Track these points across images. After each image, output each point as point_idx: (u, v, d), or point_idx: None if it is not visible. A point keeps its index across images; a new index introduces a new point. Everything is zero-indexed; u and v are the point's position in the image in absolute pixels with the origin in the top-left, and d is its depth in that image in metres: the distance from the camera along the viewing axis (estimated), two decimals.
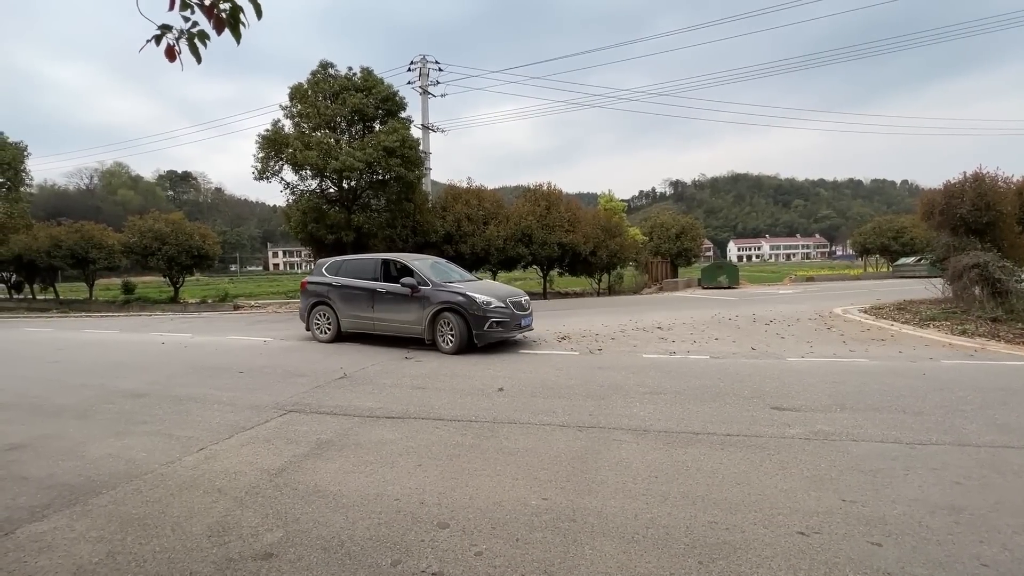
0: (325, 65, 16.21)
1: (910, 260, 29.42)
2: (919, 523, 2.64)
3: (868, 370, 6.23)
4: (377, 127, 16.42)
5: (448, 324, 8.02)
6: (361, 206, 17.35)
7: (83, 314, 18.69)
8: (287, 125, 15.87)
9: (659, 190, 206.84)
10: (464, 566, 2.35)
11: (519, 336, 9.25)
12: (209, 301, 20.83)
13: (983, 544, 2.44)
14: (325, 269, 9.48)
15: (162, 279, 21.96)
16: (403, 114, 16.89)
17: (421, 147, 27.19)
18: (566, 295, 23.07)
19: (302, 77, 18.23)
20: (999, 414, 4.38)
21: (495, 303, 7.99)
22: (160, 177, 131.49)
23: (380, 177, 16.11)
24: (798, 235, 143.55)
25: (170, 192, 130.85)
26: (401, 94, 16.80)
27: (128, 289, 21.94)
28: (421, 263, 8.87)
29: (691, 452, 3.69)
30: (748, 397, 5.11)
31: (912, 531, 2.57)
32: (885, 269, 36.42)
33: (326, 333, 9.20)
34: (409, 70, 26.45)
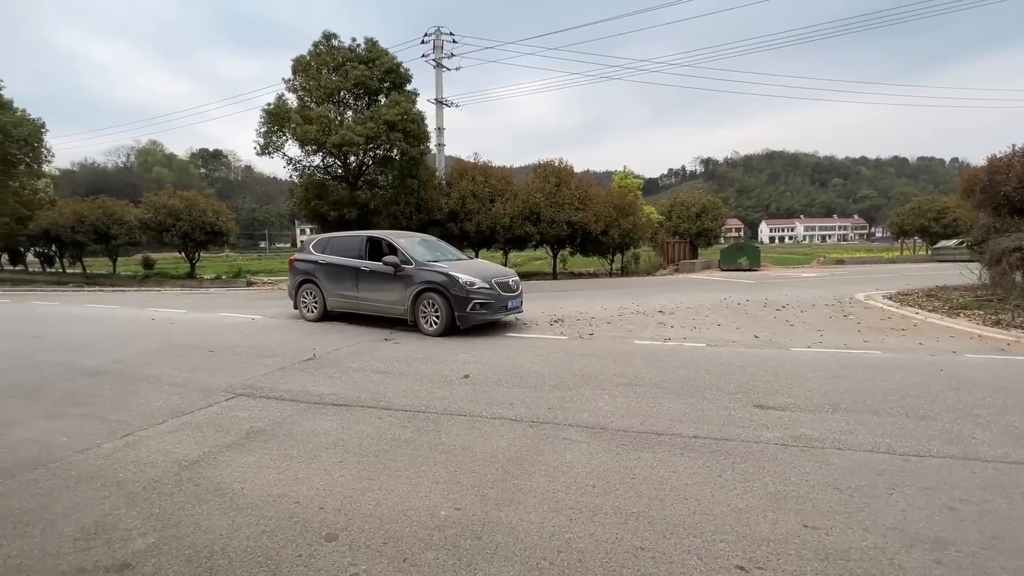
0: (328, 36, 15.75)
1: (951, 243, 27.57)
2: (890, 561, 2.18)
3: (878, 364, 5.62)
4: (382, 100, 15.97)
5: (431, 305, 7.69)
6: (368, 183, 17.05)
7: (97, 288, 19.19)
8: (291, 99, 15.59)
9: (689, 168, 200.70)
10: None
11: (512, 318, 8.88)
12: (223, 277, 21.12)
13: None
14: (312, 246, 9.25)
15: (179, 255, 22.30)
16: (409, 87, 16.36)
17: (435, 122, 26.63)
18: (580, 276, 22.49)
19: None
20: (1020, 421, 3.79)
21: (479, 284, 7.59)
22: (192, 155, 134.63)
23: (385, 152, 15.73)
24: (835, 216, 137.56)
25: (202, 170, 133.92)
26: (406, 66, 16.23)
27: (148, 264, 22.45)
28: (406, 241, 8.51)
29: (645, 457, 3.26)
30: (732, 392, 4.62)
31: (879, 571, 2.11)
32: (924, 252, 34.35)
33: (313, 312, 9.01)
34: (423, 42, 25.71)
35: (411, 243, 8.55)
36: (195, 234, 20.03)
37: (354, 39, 15.80)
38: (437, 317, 7.61)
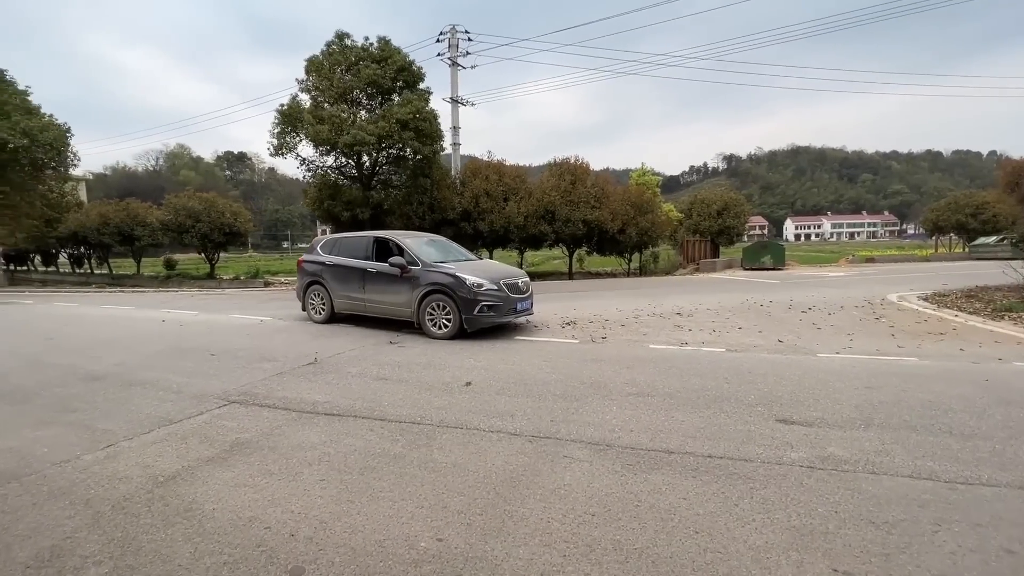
0: (341, 36, 15.70)
1: (990, 240, 26.24)
2: None
3: (914, 372, 5.17)
4: (396, 100, 15.85)
5: (440, 308, 7.47)
6: (382, 183, 16.96)
7: (119, 289, 19.55)
8: (305, 100, 15.59)
9: (711, 165, 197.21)
10: None
11: (523, 320, 8.61)
12: (242, 278, 21.35)
13: None
14: (320, 247, 9.12)
15: (199, 256, 22.65)
16: (422, 85, 16.20)
17: (450, 121, 26.51)
18: (598, 275, 22.06)
19: None
20: None
21: (487, 285, 7.34)
22: (218, 158, 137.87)
23: (398, 152, 15.60)
24: (864, 212, 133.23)
25: (228, 172, 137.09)
26: (418, 64, 16.08)
27: (169, 265, 22.85)
28: (413, 241, 8.31)
29: (652, 480, 2.95)
30: (752, 404, 4.26)
31: None
32: (960, 250, 32.82)
33: (320, 314, 8.88)
34: (438, 41, 25.65)
35: (418, 243, 8.35)
36: (214, 235, 20.28)
37: (367, 38, 15.75)
38: (447, 320, 7.38)
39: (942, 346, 6.41)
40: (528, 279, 8.31)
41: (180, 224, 19.83)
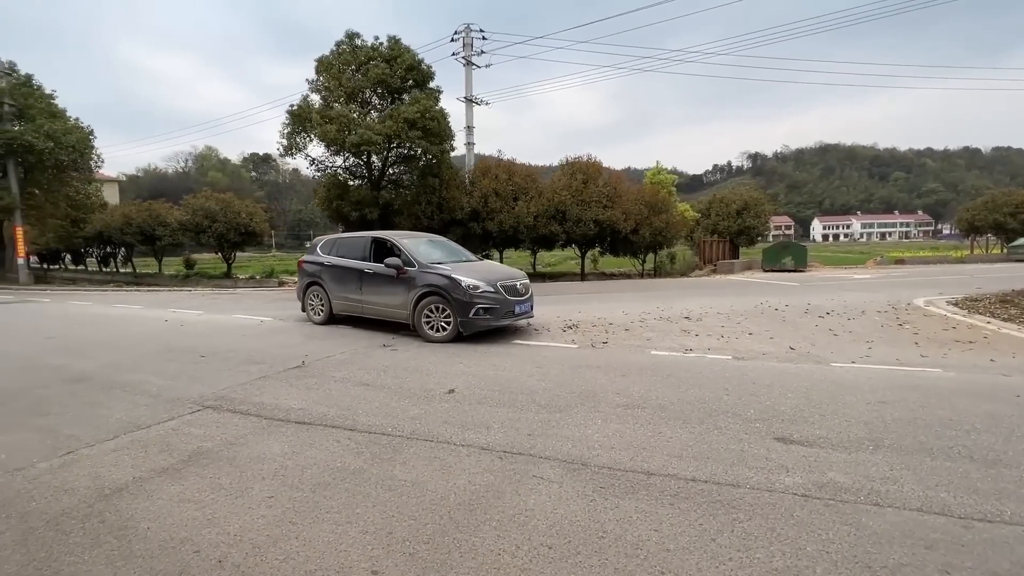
0: (352, 36, 15.69)
1: None
2: None
3: (937, 385, 4.74)
4: (406, 99, 15.76)
5: (436, 310, 7.28)
6: (392, 182, 16.90)
7: (135, 288, 19.96)
8: (316, 100, 15.61)
9: (735, 164, 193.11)
10: None
11: (524, 323, 8.37)
12: (257, 277, 21.61)
13: None
14: (319, 248, 9.03)
15: (215, 255, 23.02)
16: (432, 84, 16.07)
17: (464, 121, 26.42)
18: (612, 276, 21.62)
19: None
20: None
21: (483, 287, 7.11)
22: (244, 159, 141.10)
23: (408, 152, 15.51)
24: (896, 212, 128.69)
25: (253, 173, 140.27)
26: (432, 63, 15.97)
27: (188, 265, 23.31)
28: (410, 242, 8.13)
29: (624, 507, 2.67)
30: (751, 419, 3.92)
31: None
32: (998, 251, 31.22)
33: (319, 315, 8.79)
34: (452, 40, 25.56)
35: (415, 244, 8.17)
36: (230, 235, 20.56)
37: (376, 37, 15.71)
38: (446, 323, 7.18)
39: (970, 356, 5.92)
40: (527, 281, 8.05)
41: (197, 224, 20.17)
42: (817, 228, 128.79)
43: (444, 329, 7.22)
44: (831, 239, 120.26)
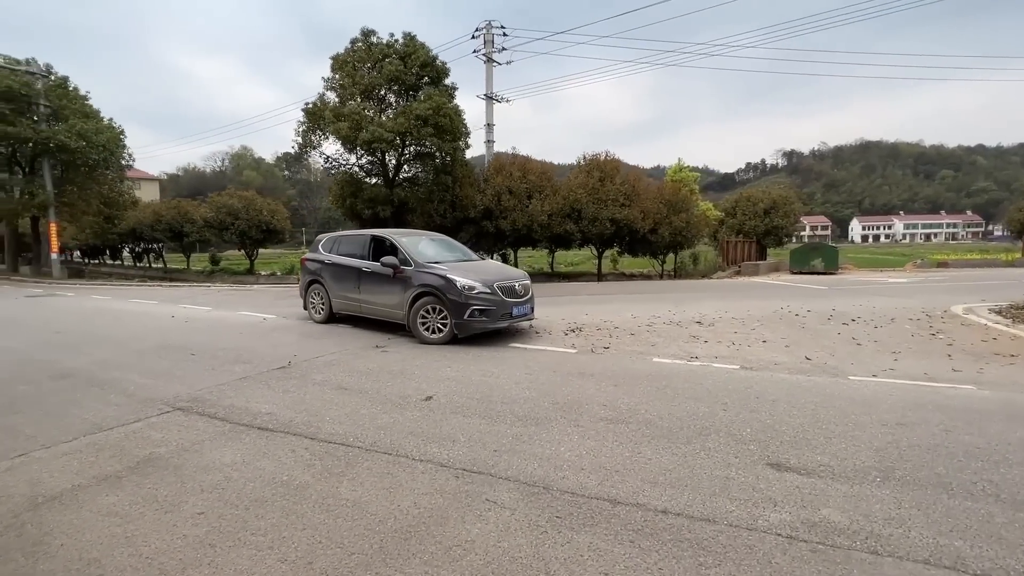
0: (367, 33, 15.65)
1: None
2: None
3: (967, 406, 4.23)
4: (421, 96, 15.63)
5: (433, 311, 7.06)
6: (408, 180, 16.82)
7: (157, 284, 20.38)
8: (332, 98, 15.64)
9: (770, 162, 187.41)
10: None
11: (526, 324, 8.09)
12: (278, 273, 21.95)
13: None
14: (321, 246, 8.94)
15: (239, 252, 23.49)
16: (447, 81, 15.89)
17: (484, 118, 26.20)
18: (631, 277, 21.05)
19: None
20: None
21: (479, 288, 6.85)
22: (278, 159, 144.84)
23: (422, 149, 15.37)
24: (942, 212, 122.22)
25: (286, 172, 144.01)
26: (451, 60, 15.84)
27: (214, 261, 23.89)
28: (408, 240, 7.94)
29: (577, 542, 2.36)
30: (745, 440, 3.54)
31: None
32: None
33: (320, 314, 8.70)
34: (473, 37, 25.38)
35: (413, 242, 7.97)
36: (252, 232, 20.95)
37: (392, 34, 15.61)
38: (443, 324, 6.95)
39: (1010, 372, 5.33)
40: (528, 282, 7.75)
41: (221, 221, 20.62)
42: (856, 228, 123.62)
43: (440, 331, 7.00)
44: (871, 240, 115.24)
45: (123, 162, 21.53)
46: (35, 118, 19.19)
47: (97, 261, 34.43)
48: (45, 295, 14.96)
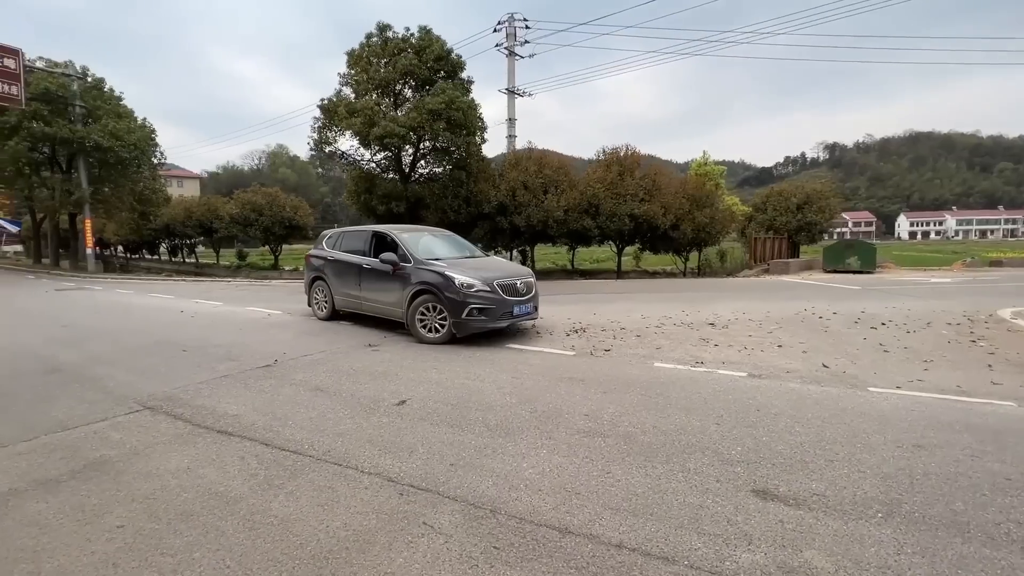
0: (383, 28, 15.56)
1: None
2: None
3: (1002, 426, 3.71)
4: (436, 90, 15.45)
5: (432, 309, 6.85)
6: (424, 176, 16.71)
7: (182, 279, 21.01)
8: (348, 93, 15.65)
9: (810, 155, 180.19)
10: None
11: (528, 324, 7.80)
12: (300, 269, 22.30)
13: None
14: (325, 242, 8.86)
15: (264, 248, 24.00)
16: (463, 75, 15.67)
17: (506, 113, 25.88)
18: (654, 275, 20.38)
19: None
20: None
21: (477, 286, 6.60)
22: (312, 156, 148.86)
23: (437, 144, 15.21)
24: (1000, 207, 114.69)
25: (319, 169, 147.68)
26: (468, 54, 15.59)
27: (241, 256, 24.48)
28: (409, 236, 7.75)
29: None
30: (733, 460, 3.16)
31: None
32: None
33: (322, 311, 8.63)
34: (495, 31, 25.13)
35: (414, 238, 7.78)
36: (275, 228, 21.33)
37: (407, 28, 15.49)
38: (442, 323, 6.73)
39: None
40: (531, 280, 7.44)
41: (245, 217, 21.06)
42: (903, 224, 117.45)
43: (439, 330, 6.79)
44: (920, 236, 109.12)
45: (154, 160, 22.31)
46: (71, 119, 20.04)
47: (137, 256, 35.98)
48: (75, 288, 15.56)
